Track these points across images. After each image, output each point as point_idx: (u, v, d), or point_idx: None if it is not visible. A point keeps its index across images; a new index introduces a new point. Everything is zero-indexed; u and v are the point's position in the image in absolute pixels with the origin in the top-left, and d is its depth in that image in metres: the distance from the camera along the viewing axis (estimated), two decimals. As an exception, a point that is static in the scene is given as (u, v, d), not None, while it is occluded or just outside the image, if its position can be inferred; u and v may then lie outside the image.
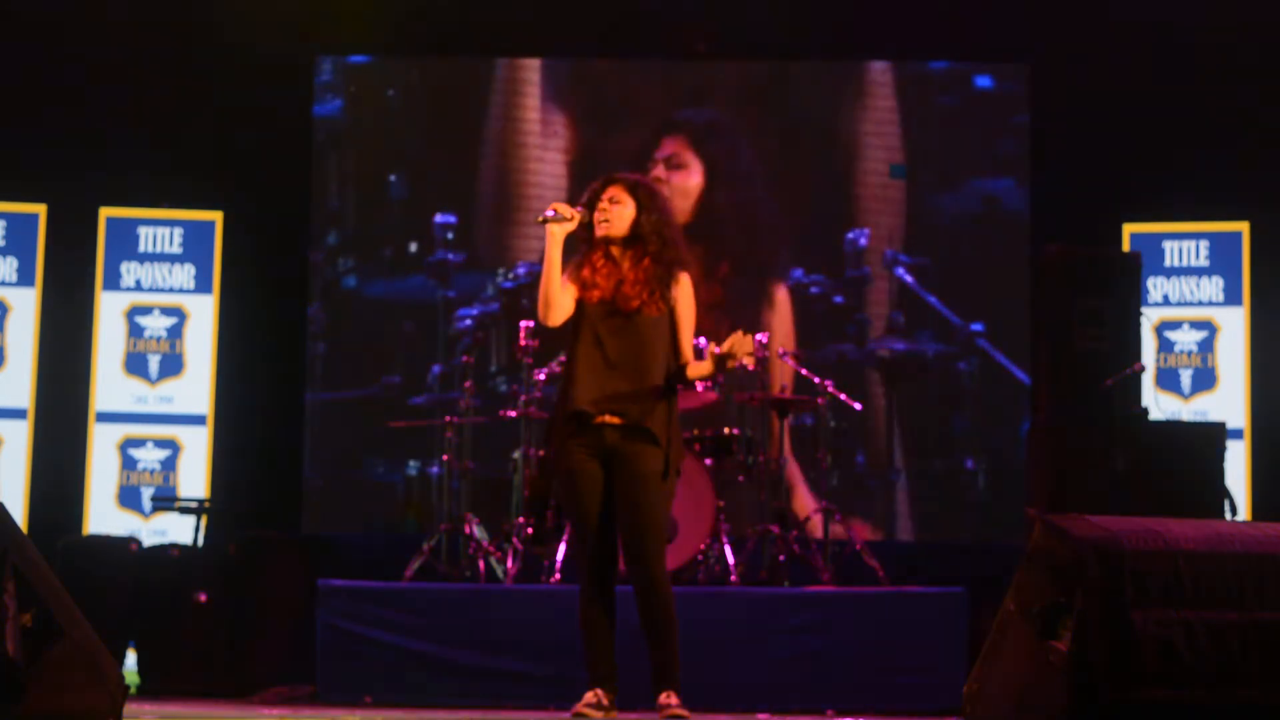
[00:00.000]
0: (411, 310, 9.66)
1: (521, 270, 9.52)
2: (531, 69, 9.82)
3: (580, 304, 5.51)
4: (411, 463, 9.51)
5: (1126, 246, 9.32)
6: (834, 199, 9.68)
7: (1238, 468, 8.90)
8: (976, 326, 9.53)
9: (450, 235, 9.64)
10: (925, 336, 9.55)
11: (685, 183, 9.60)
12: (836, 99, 9.77)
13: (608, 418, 5.43)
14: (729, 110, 9.82)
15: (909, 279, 9.55)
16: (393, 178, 9.79)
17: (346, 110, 9.81)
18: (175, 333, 9.46)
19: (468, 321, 9.51)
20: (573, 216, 5.47)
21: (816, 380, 8.00)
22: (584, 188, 5.66)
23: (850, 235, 9.59)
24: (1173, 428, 8.00)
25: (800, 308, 9.55)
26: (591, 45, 9.89)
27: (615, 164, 9.19)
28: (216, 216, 9.57)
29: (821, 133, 9.77)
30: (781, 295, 9.58)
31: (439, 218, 9.67)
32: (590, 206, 5.56)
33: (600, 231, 5.51)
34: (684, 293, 5.53)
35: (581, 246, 5.58)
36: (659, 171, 9.52)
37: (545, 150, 9.72)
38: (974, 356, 9.53)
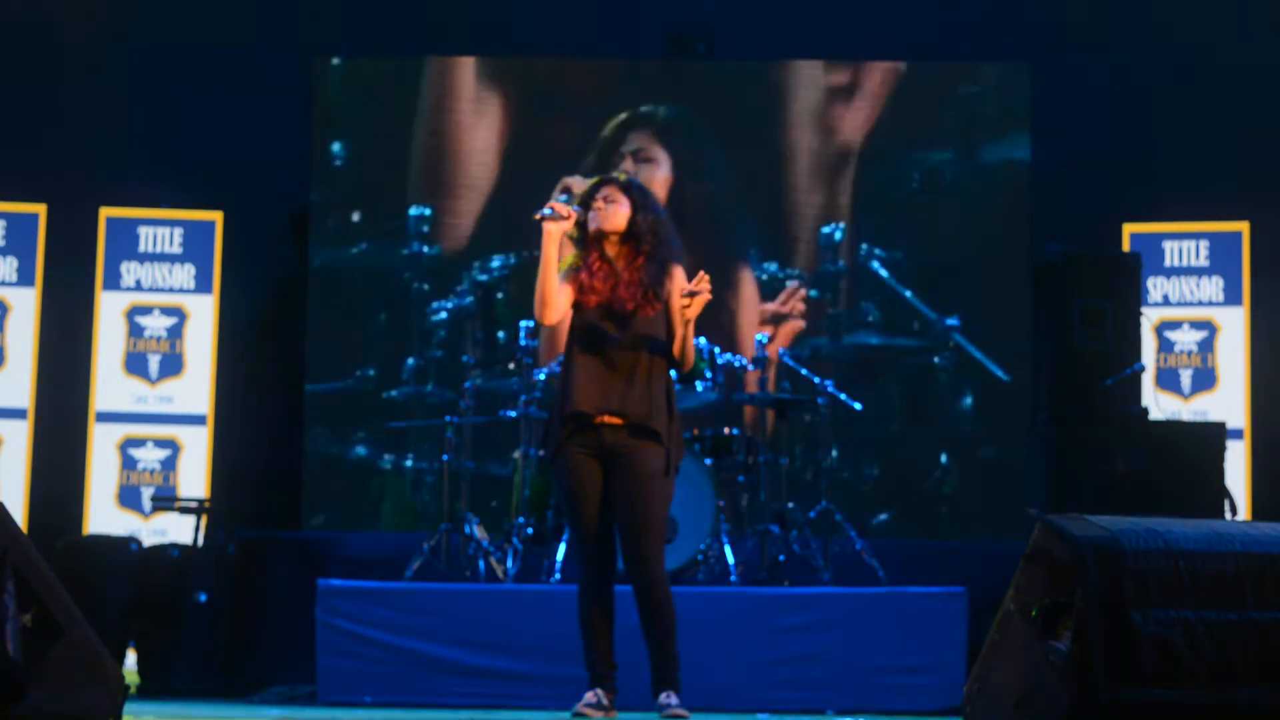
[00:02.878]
0: (386, 303, 9.63)
1: (496, 264, 9.51)
2: (517, 68, 9.85)
3: (577, 306, 5.53)
4: (388, 457, 9.51)
5: (1126, 246, 9.32)
6: (809, 193, 9.65)
7: (1238, 468, 8.90)
8: (952, 321, 9.51)
9: (425, 228, 9.62)
10: (900, 331, 9.53)
11: (653, 176, 9.57)
12: (822, 95, 9.74)
13: (608, 418, 5.45)
14: (697, 104, 9.79)
15: (885, 273, 9.54)
16: (334, 146, 9.75)
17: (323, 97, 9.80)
18: (175, 333, 9.45)
19: (443, 314, 9.51)
20: (569, 215, 5.50)
21: (817, 380, 8.00)
22: (532, 182, 5.69)
23: (826, 230, 9.57)
24: (1173, 428, 8.00)
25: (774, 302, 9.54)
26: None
27: (574, 154, 9.26)
28: (216, 216, 9.57)
29: (800, 127, 9.72)
30: (749, 289, 9.56)
31: (413, 210, 9.65)
32: (584, 206, 5.58)
33: (595, 225, 5.53)
34: (677, 286, 5.55)
35: (575, 247, 5.60)
36: (627, 165, 9.50)
37: (479, 138, 9.70)
38: (949, 351, 9.51)
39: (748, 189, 9.71)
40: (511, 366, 7.68)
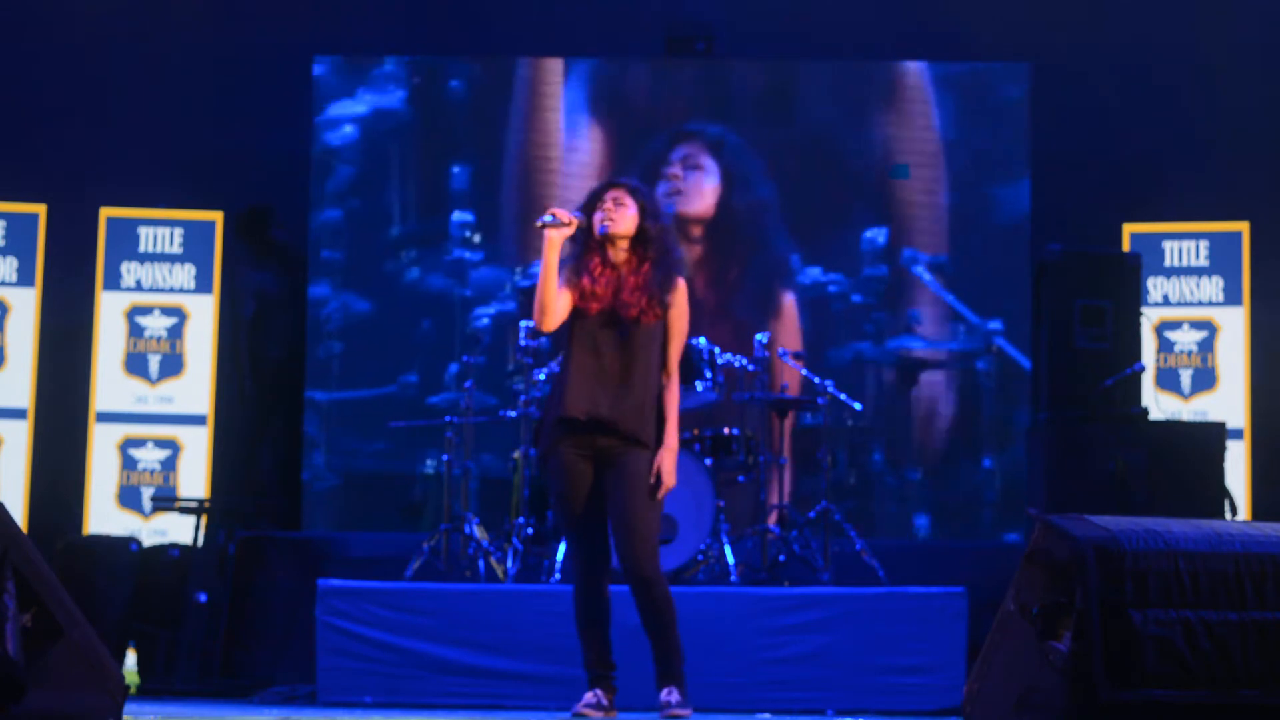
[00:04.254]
0: (430, 308, 9.64)
1: (537, 269, 9.52)
2: (553, 70, 9.82)
3: (578, 311, 5.51)
4: (427, 462, 9.52)
5: (1126, 246, 9.31)
6: (852, 198, 9.65)
7: (1238, 468, 8.89)
8: (995, 325, 9.52)
9: (468, 233, 9.64)
10: (944, 334, 9.52)
11: (700, 184, 9.58)
12: (847, 99, 9.74)
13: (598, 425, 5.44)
14: (743, 111, 9.77)
15: (927, 278, 9.54)
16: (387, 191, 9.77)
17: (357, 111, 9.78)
18: (175, 333, 9.45)
19: (485, 320, 9.52)
20: (570, 222, 5.47)
21: (817, 380, 8.00)
22: (576, 187, 5.68)
23: (868, 234, 9.58)
24: (1173, 428, 8.00)
25: (818, 306, 9.55)
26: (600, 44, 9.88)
27: (620, 160, 9.30)
28: (216, 216, 9.57)
29: (839, 132, 9.72)
30: (788, 302, 9.57)
31: (456, 215, 9.67)
32: (589, 210, 5.56)
33: (604, 230, 5.51)
34: (678, 301, 5.54)
35: (578, 249, 5.58)
36: (675, 170, 9.52)
37: (572, 152, 9.70)
38: (991, 355, 9.51)
39: (789, 194, 9.70)
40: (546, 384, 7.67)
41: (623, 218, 5.52)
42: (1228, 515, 7.36)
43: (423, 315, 9.65)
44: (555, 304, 5.47)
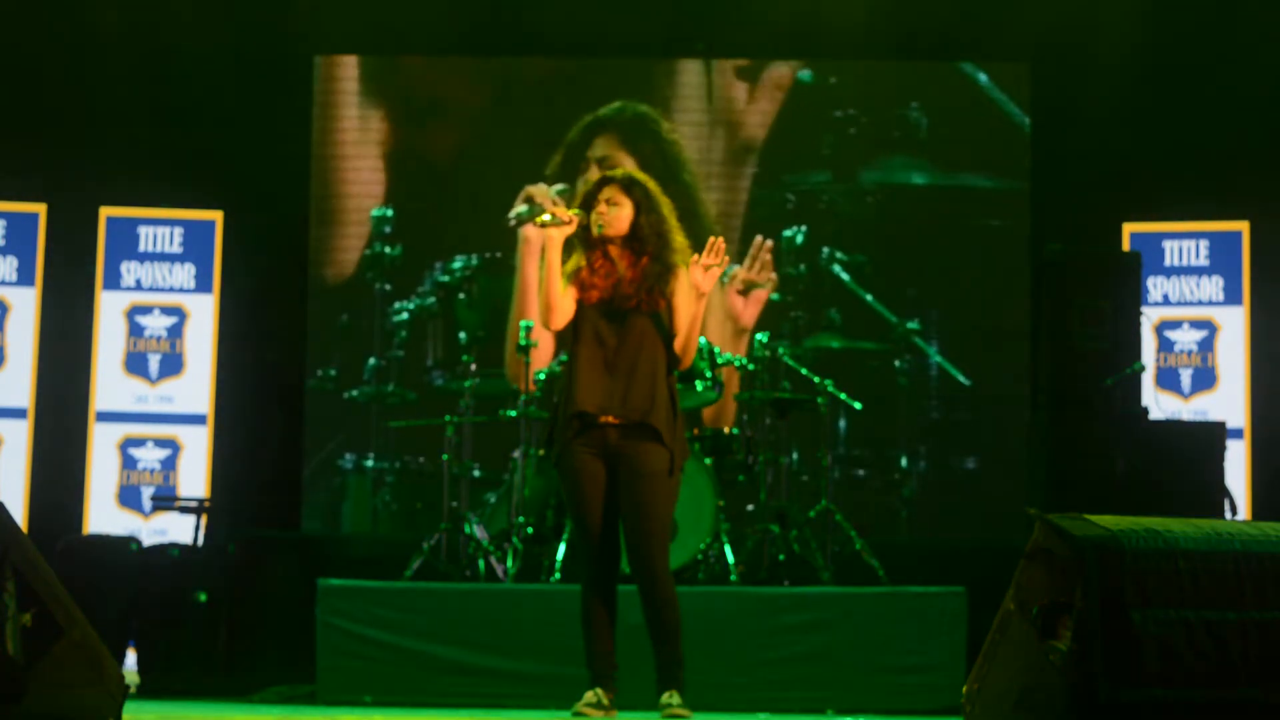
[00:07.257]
0: (348, 303, 9.64)
1: (457, 264, 9.53)
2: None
3: (579, 305, 5.52)
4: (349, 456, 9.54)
5: (1126, 246, 9.32)
6: (771, 196, 9.63)
7: (1238, 468, 8.89)
8: (912, 325, 9.49)
9: (387, 229, 9.63)
10: (861, 333, 9.42)
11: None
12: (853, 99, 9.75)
13: (610, 418, 5.44)
14: (660, 106, 9.74)
15: (845, 276, 9.51)
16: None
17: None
18: (175, 332, 9.45)
19: (404, 315, 9.53)
20: (570, 220, 5.48)
21: (817, 380, 8.00)
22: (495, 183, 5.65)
23: (787, 233, 9.55)
24: (1173, 427, 8.00)
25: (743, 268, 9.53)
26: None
27: (539, 156, 9.36)
28: (216, 216, 9.57)
29: (770, 126, 9.71)
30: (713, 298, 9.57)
31: (375, 211, 9.65)
32: (586, 207, 5.56)
33: (597, 230, 5.52)
34: (680, 289, 5.54)
35: (579, 246, 5.59)
36: (593, 172, 9.48)
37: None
38: (909, 354, 9.49)
39: (712, 189, 9.67)
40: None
41: (615, 218, 5.53)
42: (1228, 515, 7.36)
43: (341, 309, 9.67)
44: (560, 302, 5.48)
